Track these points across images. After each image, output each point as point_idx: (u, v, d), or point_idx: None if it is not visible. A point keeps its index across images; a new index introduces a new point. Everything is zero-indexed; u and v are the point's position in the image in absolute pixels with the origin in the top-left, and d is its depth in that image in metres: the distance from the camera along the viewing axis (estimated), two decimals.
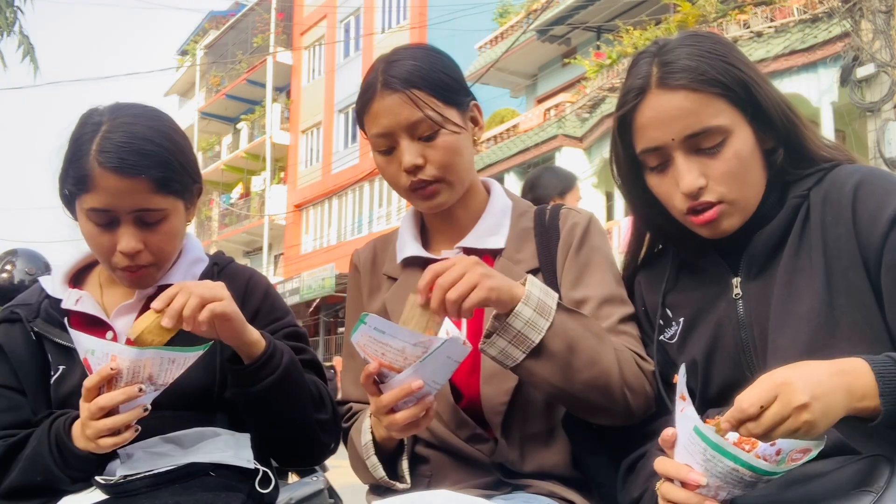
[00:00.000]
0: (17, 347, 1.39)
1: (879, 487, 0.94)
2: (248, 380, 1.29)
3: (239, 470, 1.31)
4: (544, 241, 1.42)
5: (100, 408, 1.16)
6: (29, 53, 5.11)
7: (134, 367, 1.16)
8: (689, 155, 1.19)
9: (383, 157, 1.37)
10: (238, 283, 1.48)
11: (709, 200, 1.19)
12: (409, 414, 1.16)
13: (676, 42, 1.23)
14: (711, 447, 0.91)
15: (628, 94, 1.23)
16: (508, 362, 1.20)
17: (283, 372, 1.30)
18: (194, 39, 31.25)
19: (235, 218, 26.58)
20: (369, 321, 1.12)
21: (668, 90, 1.18)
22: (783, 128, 1.21)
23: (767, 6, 10.58)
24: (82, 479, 1.27)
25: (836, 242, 1.15)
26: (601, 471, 1.32)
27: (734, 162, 1.18)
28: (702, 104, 1.17)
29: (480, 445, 1.33)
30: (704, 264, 1.29)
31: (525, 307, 1.18)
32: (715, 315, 1.25)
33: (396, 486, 1.28)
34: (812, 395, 0.90)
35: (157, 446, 1.26)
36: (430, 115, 1.32)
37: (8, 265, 3.54)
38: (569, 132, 14.02)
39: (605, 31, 14.78)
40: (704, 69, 1.17)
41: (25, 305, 1.44)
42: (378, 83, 1.34)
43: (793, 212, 1.21)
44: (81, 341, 1.20)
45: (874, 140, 8.59)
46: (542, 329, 1.18)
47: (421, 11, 20.06)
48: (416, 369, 1.13)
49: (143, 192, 1.30)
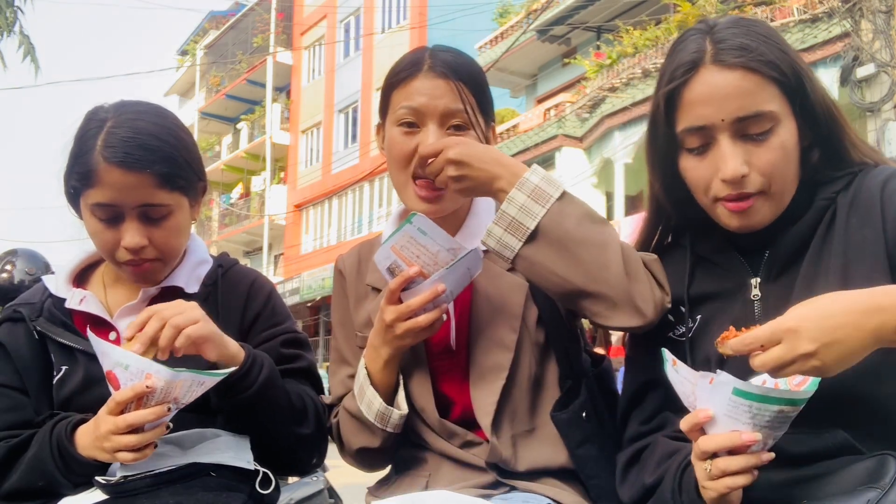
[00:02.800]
0: (19, 347, 1.39)
1: (885, 484, 0.94)
2: (225, 393, 1.28)
3: (240, 471, 1.30)
4: None
5: (128, 424, 1.15)
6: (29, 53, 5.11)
7: (167, 388, 1.15)
8: (736, 139, 1.14)
9: (402, 132, 1.34)
10: (241, 286, 1.48)
11: (748, 192, 1.14)
12: (432, 317, 1.22)
13: (728, 22, 1.18)
14: (757, 400, 0.93)
15: (678, 69, 1.16)
16: (507, 253, 1.21)
17: (259, 388, 1.30)
18: (194, 39, 31.25)
19: (235, 218, 26.58)
20: (416, 220, 1.20)
21: (724, 67, 1.13)
22: (825, 125, 1.18)
23: (767, 6, 10.59)
24: (84, 483, 1.27)
25: (860, 245, 1.12)
26: (590, 463, 1.31)
27: (779, 153, 1.14)
28: (758, 86, 1.12)
29: (474, 449, 1.33)
30: (722, 261, 1.25)
31: (518, 192, 1.19)
32: (730, 314, 1.22)
33: (394, 413, 1.30)
34: (821, 343, 0.89)
35: (157, 447, 1.25)
36: (467, 110, 1.32)
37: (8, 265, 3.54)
38: (569, 132, 14.03)
39: (605, 31, 14.79)
40: (763, 51, 1.13)
41: (28, 304, 1.43)
42: (425, 63, 1.34)
43: (819, 214, 1.18)
44: (111, 353, 1.17)
45: (874, 140, 8.59)
46: (537, 215, 1.18)
47: (421, 11, 20.05)
48: (443, 274, 1.21)
49: (148, 186, 1.30)
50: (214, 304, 1.44)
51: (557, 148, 14.07)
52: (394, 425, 1.32)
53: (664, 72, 1.20)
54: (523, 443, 1.32)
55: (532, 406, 1.34)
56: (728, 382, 0.94)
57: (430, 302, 1.21)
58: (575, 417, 1.30)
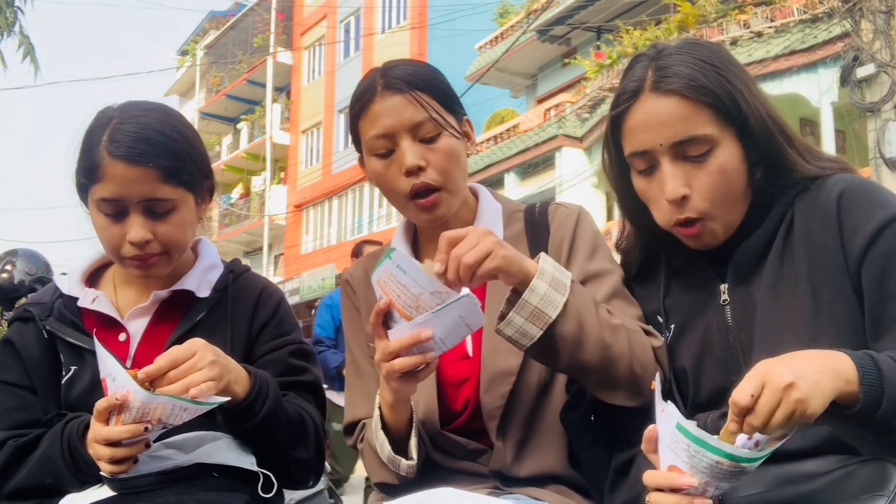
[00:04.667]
0: (29, 346, 1.39)
1: (890, 491, 0.95)
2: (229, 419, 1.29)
3: (242, 472, 1.31)
4: (535, 239, 1.41)
5: (103, 437, 1.16)
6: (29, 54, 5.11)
7: (144, 408, 1.15)
8: (676, 161, 1.19)
9: (381, 161, 1.34)
10: (251, 293, 1.48)
11: (691, 217, 1.20)
12: (409, 362, 1.14)
13: (674, 48, 1.23)
14: (695, 442, 0.92)
15: (622, 95, 1.23)
16: (525, 341, 1.18)
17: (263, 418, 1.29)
18: (194, 39, 31.25)
19: (235, 218, 26.58)
20: (395, 257, 1.11)
21: (660, 95, 1.19)
22: (765, 145, 1.21)
23: (767, 6, 10.58)
24: (93, 481, 1.27)
25: (822, 249, 1.16)
26: (598, 466, 1.31)
27: (718, 175, 1.18)
28: (692, 112, 1.17)
29: (479, 458, 1.33)
30: (693, 271, 1.30)
31: (540, 282, 1.17)
32: (704, 321, 1.26)
33: (402, 462, 1.28)
34: (796, 375, 0.92)
35: (158, 451, 1.25)
36: (433, 116, 1.31)
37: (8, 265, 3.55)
38: (569, 132, 14.02)
39: (605, 32, 14.78)
40: (697, 77, 1.18)
41: (39, 304, 1.43)
42: (378, 85, 1.33)
43: (777, 219, 1.22)
44: (106, 363, 1.19)
45: (874, 140, 8.59)
46: (558, 304, 1.17)
47: (421, 11, 20.05)
48: (427, 319, 1.12)
49: (152, 180, 1.30)
50: (224, 309, 1.44)
51: (557, 148, 14.06)
52: (405, 471, 1.29)
53: (614, 97, 1.27)
54: (527, 448, 1.32)
55: (539, 411, 1.34)
56: (672, 416, 0.95)
57: (411, 346, 1.14)
58: (584, 419, 1.30)
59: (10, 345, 1.40)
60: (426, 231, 1.46)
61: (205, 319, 1.41)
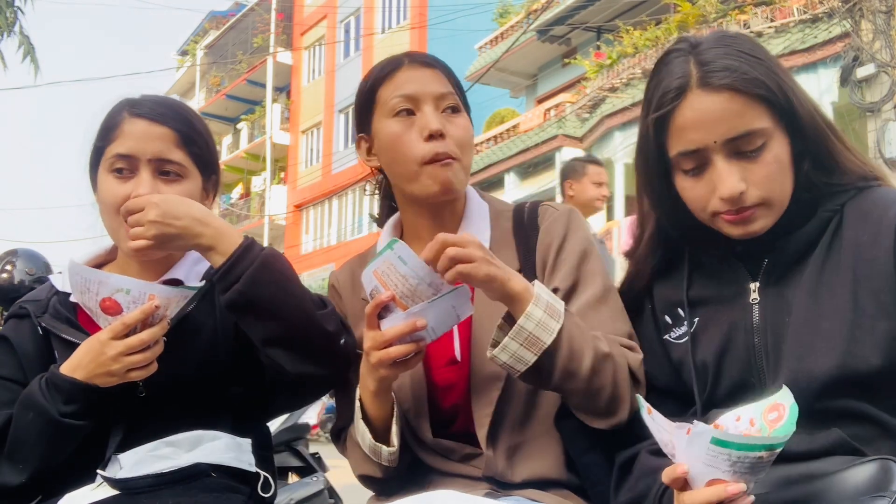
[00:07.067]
0: (24, 342, 1.40)
1: (892, 492, 0.94)
2: (227, 278, 1.25)
3: (240, 473, 1.31)
4: (524, 240, 1.40)
5: (142, 341, 1.23)
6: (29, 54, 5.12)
7: (166, 304, 1.26)
8: (730, 158, 1.15)
9: (400, 123, 1.33)
10: None
11: (747, 206, 1.16)
12: (403, 349, 1.17)
13: (712, 41, 1.19)
14: (737, 448, 0.91)
15: (665, 94, 1.17)
16: (519, 367, 1.18)
17: (263, 260, 1.26)
18: (194, 39, 31.25)
19: (235, 218, 26.57)
20: (397, 248, 1.14)
21: (710, 90, 1.14)
22: (813, 137, 1.19)
23: (767, 6, 10.59)
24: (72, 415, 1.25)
25: (870, 262, 1.13)
26: (595, 469, 1.30)
27: (774, 166, 1.15)
28: (745, 106, 1.13)
29: (473, 461, 1.32)
30: (721, 267, 1.27)
31: (536, 308, 1.17)
32: (728, 318, 1.23)
33: (383, 450, 1.28)
34: None
35: (157, 449, 1.26)
36: (457, 93, 1.37)
37: (8, 265, 3.54)
38: (569, 132, 14.02)
39: (605, 32, 14.79)
40: (747, 70, 1.14)
41: (34, 301, 1.44)
42: (405, 59, 1.37)
43: (823, 223, 1.19)
44: (112, 281, 1.24)
45: (874, 140, 8.58)
46: (553, 330, 1.17)
47: (421, 11, 20.05)
48: (422, 308, 1.16)
49: (167, 140, 1.36)
50: (212, 298, 1.43)
51: (557, 148, 14.06)
52: (387, 460, 1.29)
53: (650, 96, 1.21)
54: (520, 454, 1.31)
55: (531, 415, 1.33)
56: (705, 432, 0.92)
57: (406, 335, 1.16)
58: (580, 424, 1.28)
59: (6, 341, 1.41)
60: (413, 234, 1.44)
61: (194, 310, 1.40)
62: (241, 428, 1.37)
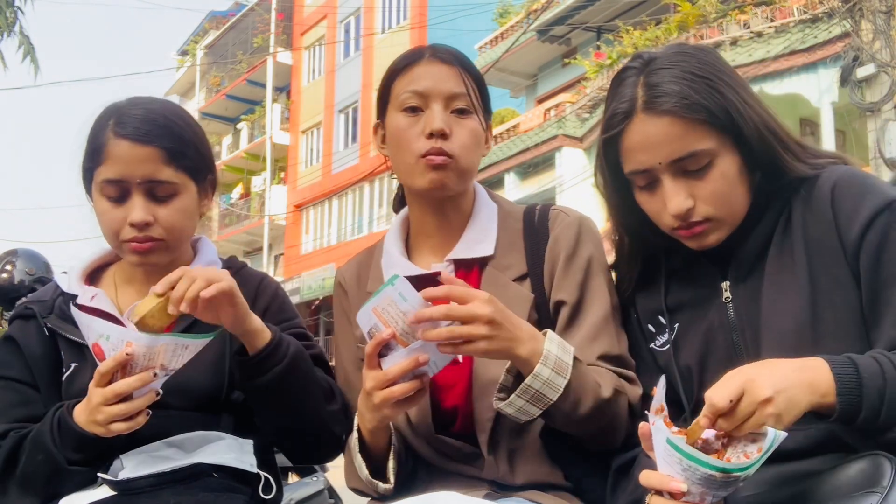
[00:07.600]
0: (31, 343, 1.40)
1: (883, 487, 0.95)
2: (256, 370, 1.28)
3: (242, 473, 1.31)
4: (533, 244, 1.39)
5: (115, 394, 1.17)
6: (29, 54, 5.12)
7: (149, 354, 1.17)
8: (677, 177, 1.20)
9: (407, 118, 1.34)
10: (250, 284, 1.49)
11: (696, 221, 1.20)
12: (407, 387, 1.15)
13: (662, 60, 1.21)
14: (685, 457, 0.93)
15: (614, 117, 1.22)
16: (524, 418, 1.21)
17: (291, 361, 1.29)
18: (194, 39, 31.25)
19: (235, 218, 26.58)
20: (398, 284, 1.12)
21: (654, 115, 1.18)
22: (761, 149, 1.21)
23: (767, 6, 10.59)
24: (80, 462, 1.26)
25: (818, 239, 1.18)
26: (584, 478, 1.31)
27: (720, 182, 1.19)
28: (687, 129, 1.17)
29: (475, 462, 1.32)
30: (693, 270, 1.30)
31: (544, 368, 1.17)
32: (706, 320, 1.26)
33: (378, 486, 1.27)
34: (775, 390, 0.95)
35: (159, 450, 1.26)
36: (470, 94, 1.35)
37: (8, 265, 3.54)
38: (569, 132, 14.02)
39: (605, 31, 14.79)
40: (688, 94, 1.17)
41: (40, 302, 1.44)
42: (427, 52, 1.37)
43: (775, 216, 1.23)
44: (94, 326, 1.20)
45: (874, 140, 8.59)
46: (559, 387, 1.18)
47: (421, 11, 20.05)
48: (424, 343, 1.13)
49: (155, 161, 1.33)
50: None
51: (557, 148, 14.06)
52: (382, 493, 1.28)
53: (604, 116, 1.26)
54: (521, 457, 1.31)
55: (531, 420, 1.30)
56: (662, 431, 0.95)
57: (409, 371, 1.14)
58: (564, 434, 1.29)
59: (12, 341, 1.41)
60: (420, 230, 1.44)
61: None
62: (244, 429, 1.37)
